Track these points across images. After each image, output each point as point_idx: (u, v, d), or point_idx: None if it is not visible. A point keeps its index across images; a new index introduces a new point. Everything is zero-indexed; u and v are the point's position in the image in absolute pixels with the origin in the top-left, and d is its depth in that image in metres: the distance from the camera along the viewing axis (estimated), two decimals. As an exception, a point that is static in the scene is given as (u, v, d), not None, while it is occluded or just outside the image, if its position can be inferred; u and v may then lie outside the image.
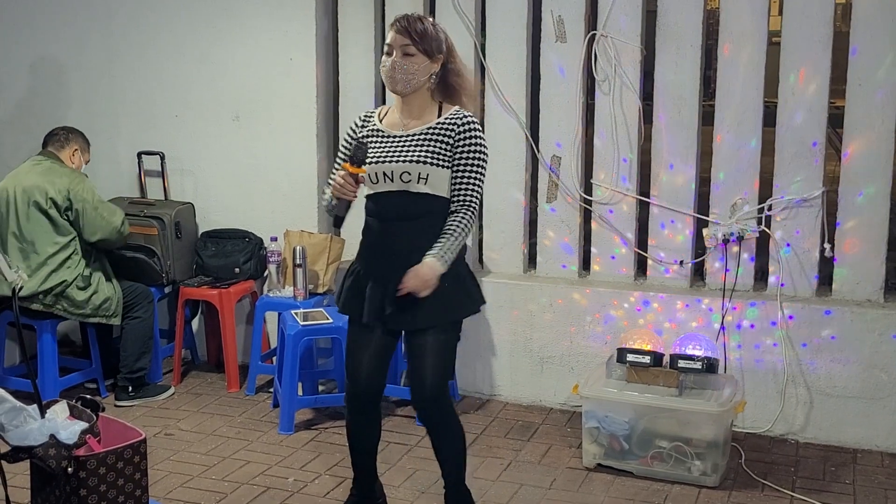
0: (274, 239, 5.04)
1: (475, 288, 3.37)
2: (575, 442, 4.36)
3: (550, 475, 4.08)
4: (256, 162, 5.27)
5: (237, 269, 5.13)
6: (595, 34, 4.59)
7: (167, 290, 5.28)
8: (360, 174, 3.17)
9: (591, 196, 4.74)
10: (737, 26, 4.38)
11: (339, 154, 3.38)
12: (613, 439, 4.08)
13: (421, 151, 3.18)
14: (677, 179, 4.58)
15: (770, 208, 4.44)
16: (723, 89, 4.46)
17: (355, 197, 3.20)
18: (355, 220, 3.46)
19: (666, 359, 4.16)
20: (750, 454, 4.25)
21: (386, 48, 3.21)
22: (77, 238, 4.68)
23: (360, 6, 5.01)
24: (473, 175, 3.22)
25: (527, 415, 4.76)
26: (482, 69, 4.85)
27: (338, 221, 3.26)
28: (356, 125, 3.37)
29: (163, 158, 5.41)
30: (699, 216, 4.59)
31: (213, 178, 5.37)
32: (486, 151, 3.25)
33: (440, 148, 3.19)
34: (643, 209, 4.73)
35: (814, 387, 4.38)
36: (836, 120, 4.54)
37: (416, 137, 3.22)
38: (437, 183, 3.19)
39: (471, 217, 3.22)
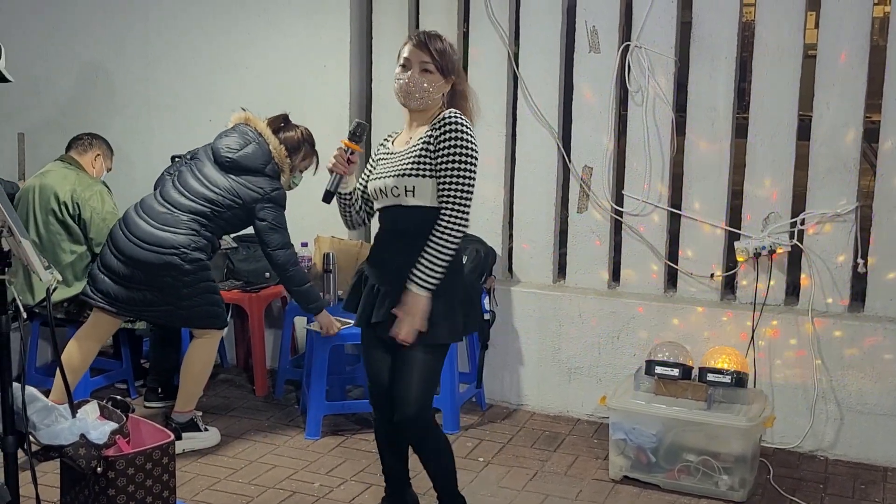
0: (304, 244, 5.06)
1: (465, 317, 3.25)
2: (602, 453, 4.35)
3: (576, 486, 4.07)
4: (288, 167, 5.28)
5: (267, 274, 5.15)
6: (629, 45, 4.58)
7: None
8: (355, 150, 3.17)
9: (623, 207, 4.73)
10: (772, 39, 4.36)
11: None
12: (640, 452, 4.07)
13: (408, 164, 3.14)
14: (709, 192, 4.56)
15: (803, 222, 4.40)
16: (757, 102, 4.43)
17: (346, 172, 3.20)
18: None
19: (695, 372, 4.14)
20: (778, 470, 4.21)
21: (402, 62, 3.15)
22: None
23: (395, 14, 5.03)
24: (455, 179, 3.07)
25: (554, 425, 4.75)
26: (515, 78, 4.86)
27: (326, 196, 3.25)
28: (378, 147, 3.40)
29: (196, 162, 5.45)
30: (731, 229, 4.56)
31: (246, 182, 5.40)
32: (469, 151, 3.08)
33: (424, 157, 3.12)
34: (674, 221, 4.71)
35: (844, 403, 4.34)
36: (871, 135, 4.50)
37: (410, 150, 3.18)
38: (424, 193, 3.11)
39: (453, 225, 3.07)
